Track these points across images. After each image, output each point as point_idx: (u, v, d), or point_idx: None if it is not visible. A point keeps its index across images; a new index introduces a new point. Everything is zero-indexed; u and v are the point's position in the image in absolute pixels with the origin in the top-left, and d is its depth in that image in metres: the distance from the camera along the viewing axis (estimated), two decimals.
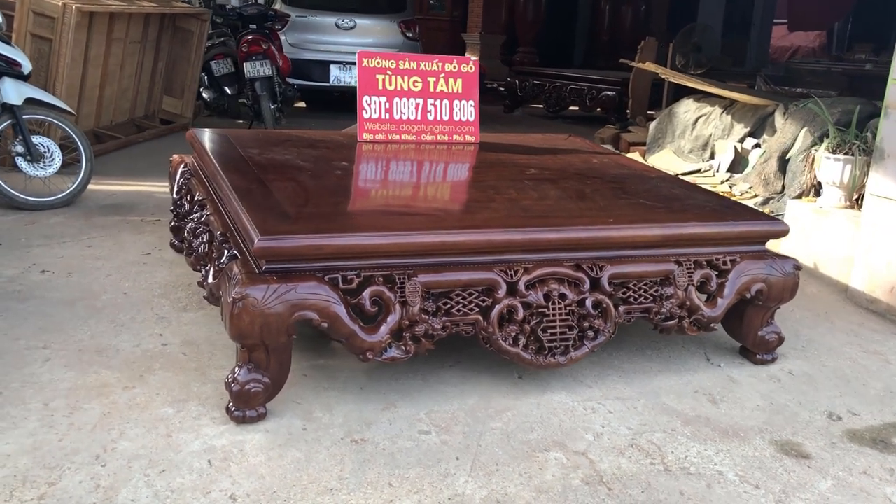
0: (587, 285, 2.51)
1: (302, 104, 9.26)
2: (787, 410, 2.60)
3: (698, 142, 6.04)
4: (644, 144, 6.56)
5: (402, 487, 2.01)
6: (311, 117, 8.12)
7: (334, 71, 8.11)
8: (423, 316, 2.30)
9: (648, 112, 7.79)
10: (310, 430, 2.23)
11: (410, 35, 8.47)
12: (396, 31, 8.38)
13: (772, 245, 2.98)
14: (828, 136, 4.42)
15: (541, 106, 10.53)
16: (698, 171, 5.69)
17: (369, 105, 3.42)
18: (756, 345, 2.90)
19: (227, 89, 7.63)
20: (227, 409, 2.23)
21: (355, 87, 8.21)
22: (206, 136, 3.20)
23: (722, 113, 5.90)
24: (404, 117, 3.48)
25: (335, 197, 2.62)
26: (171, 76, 6.81)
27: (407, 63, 3.48)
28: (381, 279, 2.26)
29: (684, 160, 6.01)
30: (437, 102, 3.53)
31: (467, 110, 3.60)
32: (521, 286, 2.41)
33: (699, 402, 2.61)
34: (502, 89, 10.84)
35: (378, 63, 3.43)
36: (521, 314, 2.41)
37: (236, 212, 2.37)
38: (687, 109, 6.18)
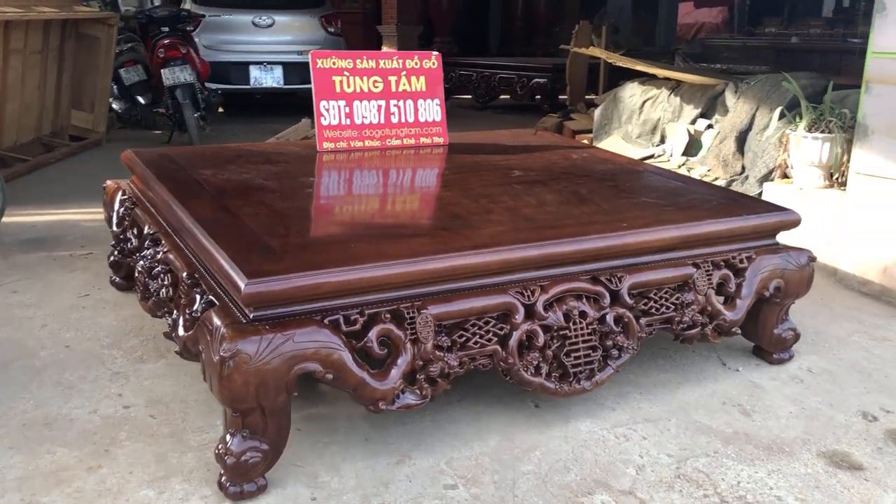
0: (607, 299, 2.25)
1: (219, 109, 8.75)
2: (821, 415, 2.42)
3: (647, 126, 5.90)
4: (589, 132, 6.38)
5: None
6: (233, 123, 7.64)
7: (254, 72, 7.64)
8: (437, 353, 2.00)
9: (586, 97, 7.63)
10: (320, 500, 1.90)
11: (332, 30, 8.07)
12: (318, 27, 7.95)
13: None
14: (789, 115, 4.31)
15: (469, 97, 10.28)
16: (651, 156, 5.53)
17: (327, 111, 3.07)
18: (772, 344, 2.71)
19: (139, 99, 7.09)
20: (221, 485, 1.88)
21: (277, 89, 7.87)
22: (146, 158, 2.80)
23: (669, 95, 5.77)
24: (366, 122, 3.15)
25: (316, 222, 2.29)
26: (78, 88, 6.23)
27: (365, 62, 3.15)
28: (387, 316, 1.94)
29: (634, 146, 5.85)
30: (401, 103, 3.21)
31: (433, 110, 3.29)
32: (539, 307, 2.14)
33: (731, 415, 2.40)
34: None
35: (333, 63, 3.08)
36: (541, 339, 2.14)
37: (205, 250, 2.00)
38: (632, 93, 6.03)
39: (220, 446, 1.87)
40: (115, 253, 3.01)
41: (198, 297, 2.02)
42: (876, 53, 3.33)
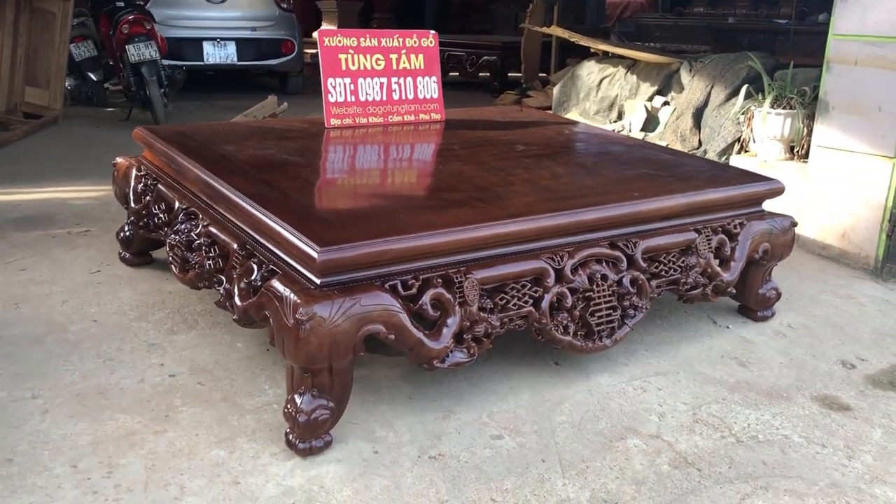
0: (624, 263, 2.45)
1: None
2: (808, 365, 2.68)
3: (604, 103, 6.13)
4: (547, 108, 6.58)
5: (508, 501, 1.88)
6: (187, 100, 7.53)
7: (207, 48, 7.55)
8: (482, 314, 2.16)
9: (540, 75, 7.82)
10: (382, 453, 2.04)
11: (286, 6, 8.02)
12: (270, 3, 7.89)
13: None
14: (755, 92, 4.59)
15: None
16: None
17: (334, 88, 3.16)
18: (758, 302, 2.97)
19: (91, 75, 6.95)
20: (290, 443, 2.00)
21: (231, 65, 7.79)
22: (165, 135, 2.84)
23: (626, 73, 6.01)
24: (370, 98, 3.25)
25: (357, 194, 2.40)
26: (32, 65, 6.07)
27: (368, 40, 3.25)
28: (439, 280, 2.09)
29: (592, 122, 6.08)
30: (401, 81, 3.33)
31: (431, 87, 3.42)
32: (568, 271, 2.31)
33: (731, 367, 2.64)
34: None
35: (339, 41, 3.17)
36: (569, 301, 2.32)
37: (261, 222, 2.10)
38: (590, 71, 6.25)
39: (288, 406, 1.99)
40: (127, 229, 3.05)
41: (255, 266, 2.11)
42: (836, 35, 3.61)
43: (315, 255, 1.88)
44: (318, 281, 1.94)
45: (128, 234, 3.07)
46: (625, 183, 2.66)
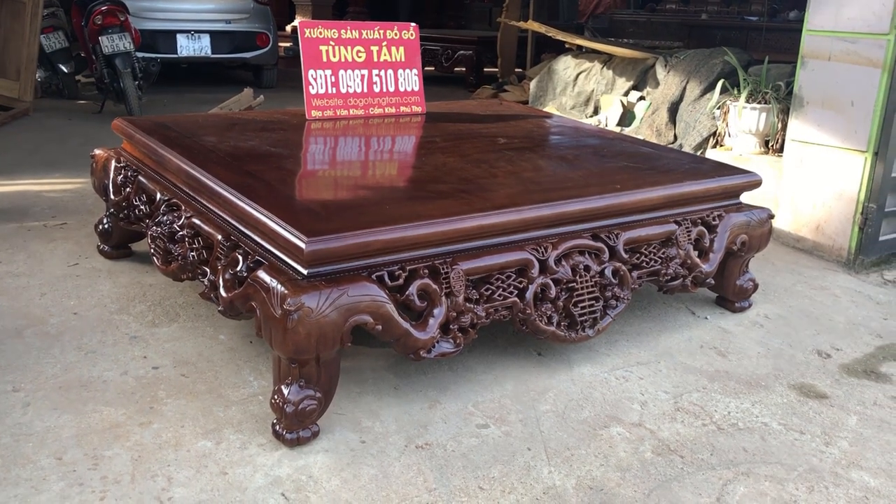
0: (606, 254, 2.48)
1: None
2: (784, 354, 2.73)
3: (580, 98, 6.17)
4: (524, 103, 6.61)
5: (495, 489, 1.90)
6: (159, 92, 7.45)
7: (181, 41, 7.46)
8: (468, 305, 2.18)
9: (516, 70, 7.85)
10: (369, 443, 2.05)
11: None
12: None
13: None
14: (731, 87, 4.65)
15: None
16: None
17: (314, 79, 3.15)
18: (736, 293, 3.02)
19: (62, 67, 6.85)
20: (277, 433, 2.00)
21: (205, 58, 7.72)
22: (144, 127, 2.81)
23: (602, 68, 6.06)
24: (350, 91, 3.25)
25: (342, 186, 2.40)
26: (2, 55, 5.97)
27: (349, 32, 3.24)
28: (425, 271, 2.10)
29: (568, 116, 6.12)
30: (382, 73, 3.33)
31: (411, 80, 3.42)
32: (551, 262, 2.34)
33: (710, 356, 2.68)
34: None
35: (320, 33, 3.16)
36: (553, 291, 2.35)
37: (247, 213, 2.09)
38: (566, 66, 6.29)
39: (275, 397, 1.99)
40: (106, 221, 3.02)
41: (240, 258, 2.11)
42: (811, 31, 3.67)
43: (303, 245, 1.88)
44: (305, 272, 1.94)
45: (106, 226, 3.04)
46: (606, 175, 2.69)
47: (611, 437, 2.16)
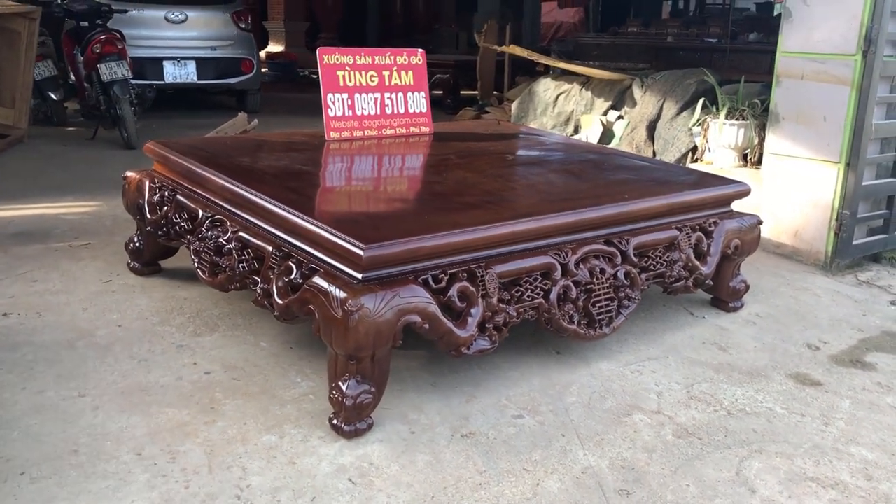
0: (619, 258, 2.70)
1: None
2: (778, 348, 2.98)
3: (560, 118, 6.45)
4: None
5: (538, 470, 2.10)
6: (149, 119, 7.54)
7: (168, 67, 7.61)
8: (501, 305, 2.38)
9: (495, 93, 8.13)
10: (418, 433, 2.24)
11: (244, 26, 8.14)
12: (229, 23, 8.01)
13: None
14: (696, 105, 4.95)
15: None
16: None
17: (333, 103, 3.35)
18: (729, 294, 3.27)
19: (51, 95, 6.94)
20: (335, 427, 2.18)
21: (191, 84, 7.87)
22: (180, 149, 2.98)
23: (581, 89, 6.34)
24: (365, 113, 3.45)
25: (379, 199, 2.59)
26: None
27: (363, 58, 3.45)
28: (464, 275, 2.30)
29: None
30: (394, 96, 3.54)
31: (420, 102, 3.64)
32: (572, 265, 2.55)
33: (712, 351, 2.91)
34: (315, 76, 10.72)
35: (337, 59, 3.37)
36: (574, 293, 2.56)
37: (299, 226, 2.27)
38: (546, 88, 6.57)
39: (334, 392, 2.17)
40: (137, 240, 3.17)
41: (293, 266, 2.29)
42: (785, 53, 3.98)
43: (361, 252, 2.07)
44: (359, 276, 2.13)
45: (138, 244, 3.19)
46: (613, 186, 2.93)
47: (634, 423, 2.37)
